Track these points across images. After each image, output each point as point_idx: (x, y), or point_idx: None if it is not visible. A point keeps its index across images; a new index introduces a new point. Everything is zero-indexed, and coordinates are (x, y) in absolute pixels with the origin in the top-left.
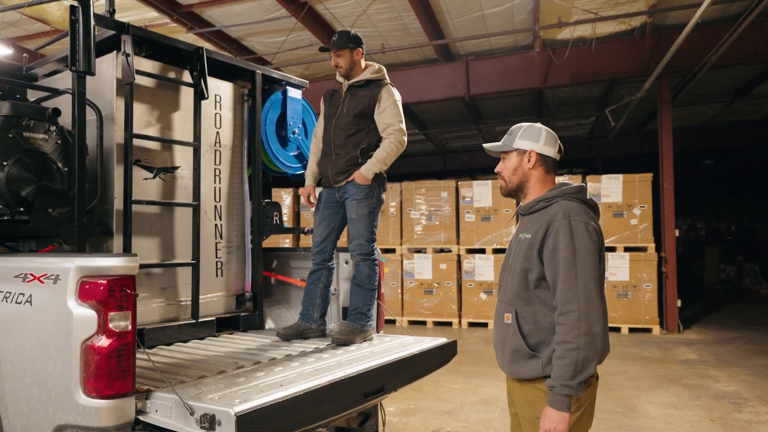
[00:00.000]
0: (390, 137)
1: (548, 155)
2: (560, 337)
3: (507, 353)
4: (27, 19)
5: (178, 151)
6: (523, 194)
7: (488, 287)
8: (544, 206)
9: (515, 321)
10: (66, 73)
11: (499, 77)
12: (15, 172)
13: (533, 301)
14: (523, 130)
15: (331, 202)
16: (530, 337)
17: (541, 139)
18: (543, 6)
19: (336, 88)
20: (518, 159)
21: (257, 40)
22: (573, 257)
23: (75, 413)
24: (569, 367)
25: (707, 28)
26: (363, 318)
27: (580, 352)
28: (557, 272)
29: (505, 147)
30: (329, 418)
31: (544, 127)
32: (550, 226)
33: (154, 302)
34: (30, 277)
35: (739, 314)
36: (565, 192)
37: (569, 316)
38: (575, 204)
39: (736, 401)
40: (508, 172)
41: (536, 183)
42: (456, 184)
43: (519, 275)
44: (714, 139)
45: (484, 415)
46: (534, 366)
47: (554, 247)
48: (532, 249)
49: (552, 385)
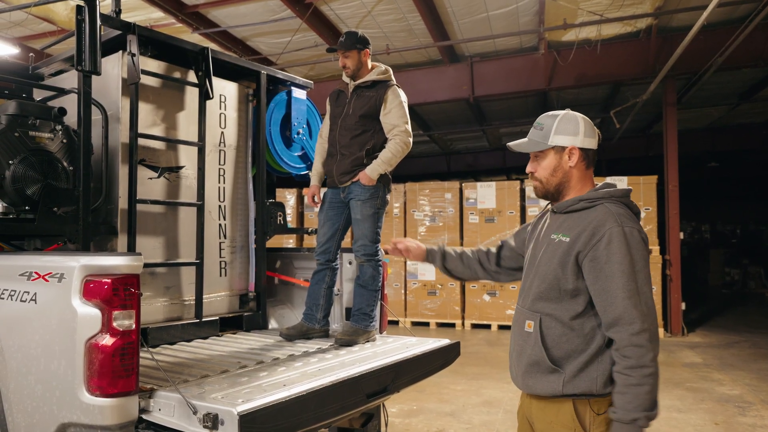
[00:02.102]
0: (396, 138)
1: (590, 148)
2: (634, 361)
3: (523, 364)
4: (33, 19)
5: (183, 150)
6: (562, 195)
7: (491, 289)
8: (585, 207)
9: (538, 330)
10: (71, 73)
11: (503, 79)
12: (21, 170)
13: (563, 311)
14: (558, 122)
15: (336, 203)
16: (555, 349)
17: (580, 130)
18: (548, 8)
19: (342, 89)
20: (557, 157)
21: (262, 41)
22: (632, 269)
23: (79, 411)
24: (648, 395)
25: (713, 31)
26: (366, 319)
27: (655, 378)
28: (611, 286)
29: (539, 146)
30: (332, 419)
31: (579, 114)
32: (597, 233)
33: (158, 301)
34: (35, 275)
35: (744, 317)
36: (611, 194)
37: (641, 337)
38: (624, 209)
39: (740, 405)
40: (545, 172)
41: (577, 181)
42: (460, 185)
43: (549, 281)
44: (719, 142)
45: (486, 417)
46: (553, 382)
47: (608, 258)
48: (570, 255)
49: (634, 418)
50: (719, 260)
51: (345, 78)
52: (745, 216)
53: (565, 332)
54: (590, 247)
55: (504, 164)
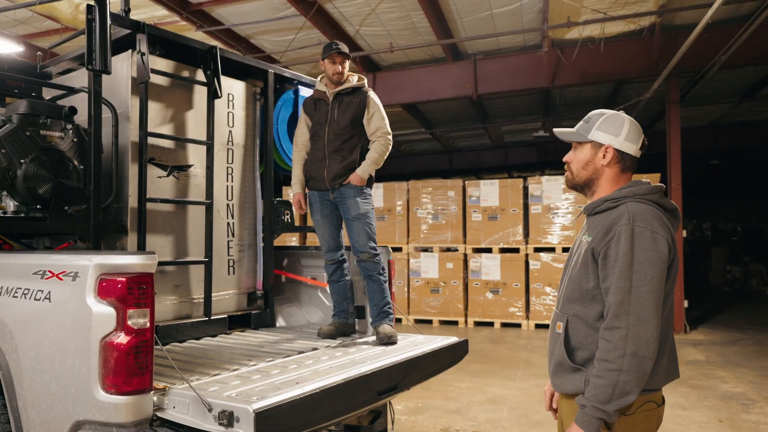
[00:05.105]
0: (380, 140)
1: (627, 152)
2: (601, 354)
3: (552, 364)
4: (37, 17)
5: (191, 149)
6: (590, 191)
7: (494, 286)
8: (609, 207)
9: (564, 332)
10: (79, 71)
11: (507, 77)
12: (32, 169)
13: (588, 312)
14: (603, 119)
15: (327, 203)
16: (578, 351)
17: (622, 132)
18: (552, 6)
19: (320, 97)
20: (592, 152)
21: (266, 39)
22: (629, 268)
23: (94, 409)
24: (606, 389)
25: (717, 29)
26: (390, 313)
27: (621, 374)
28: (610, 283)
29: (579, 137)
30: (344, 416)
31: (628, 117)
32: (610, 231)
33: (168, 300)
34: (49, 274)
35: (746, 315)
36: (635, 193)
37: (615, 333)
38: (646, 207)
39: (744, 402)
40: (577, 164)
41: (607, 181)
42: (463, 183)
43: (575, 282)
44: (721, 140)
45: (492, 415)
46: (577, 381)
47: (614, 255)
48: (588, 254)
49: (583, 404)
50: (721, 258)
51: (320, 86)
52: (747, 214)
53: (589, 333)
54: (603, 245)
55: (506, 162)
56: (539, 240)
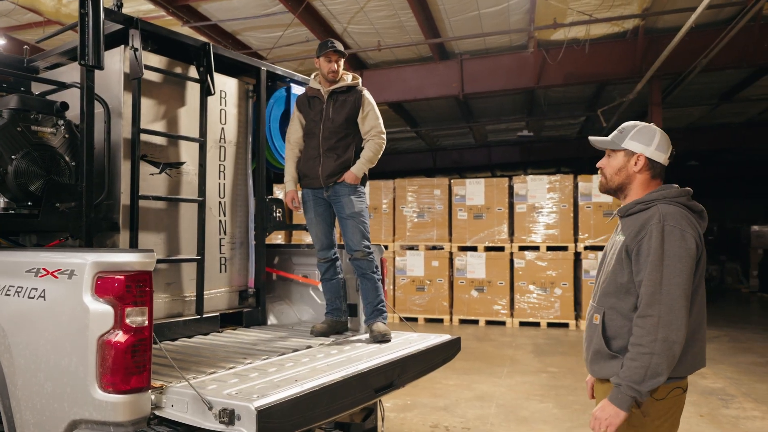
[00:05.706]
0: (374, 138)
1: (657, 161)
2: (635, 339)
3: (590, 352)
4: (19, 9)
5: (184, 146)
6: (623, 195)
7: (479, 284)
8: (641, 209)
9: (602, 323)
10: (68, 66)
11: (493, 76)
12: (23, 166)
13: (623, 304)
14: (636, 130)
15: (320, 201)
16: (614, 340)
17: (653, 143)
18: (539, 7)
19: (314, 95)
20: (624, 160)
21: (253, 35)
22: (660, 261)
23: (91, 408)
24: (639, 370)
25: (698, 32)
26: (384, 311)
27: (653, 357)
28: (643, 276)
29: (613, 145)
30: (341, 413)
31: (659, 129)
32: (642, 230)
33: (159, 298)
34: (43, 272)
35: (722, 312)
36: (665, 195)
37: (647, 320)
38: (675, 209)
39: (723, 397)
40: (611, 170)
41: (638, 186)
42: (449, 181)
43: (611, 277)
44: (699, 142)
45: (480, 411)
46: (614, 366)
47: (645, 251)
48: (622, 252)
49: (618, 383)
50: None
51: (315, 83)
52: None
53: (624, 323)
54: (636, 242)
55: (489, 161)
56: (524, 239)
